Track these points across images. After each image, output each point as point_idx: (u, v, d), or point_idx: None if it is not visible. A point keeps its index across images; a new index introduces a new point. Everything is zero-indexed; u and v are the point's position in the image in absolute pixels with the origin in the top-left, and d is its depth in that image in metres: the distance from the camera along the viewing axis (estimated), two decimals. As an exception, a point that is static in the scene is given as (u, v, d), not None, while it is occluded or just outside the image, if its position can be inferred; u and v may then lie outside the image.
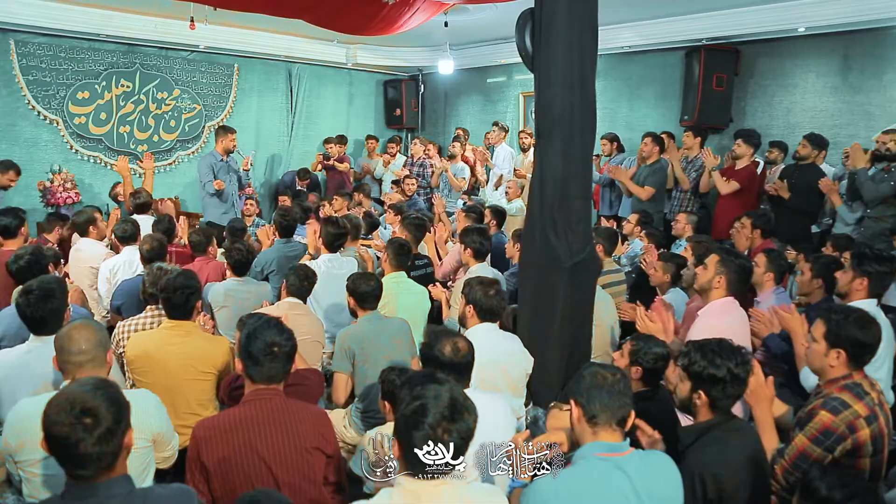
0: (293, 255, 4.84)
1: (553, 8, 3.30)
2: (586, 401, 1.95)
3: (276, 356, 2.25)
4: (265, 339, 2.24)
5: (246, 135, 8.89)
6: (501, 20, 6.59)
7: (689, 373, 2.28)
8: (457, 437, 1.67)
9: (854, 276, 3.32)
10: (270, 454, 2.18)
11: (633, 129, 7.57)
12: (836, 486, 1.71)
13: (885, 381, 3.11)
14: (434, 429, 1.65)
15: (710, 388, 2.24)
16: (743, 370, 2.24)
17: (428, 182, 8.44)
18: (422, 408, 1.68)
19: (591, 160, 3.64)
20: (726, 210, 5.78)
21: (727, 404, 2.27)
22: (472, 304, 3.14)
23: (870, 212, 5.07)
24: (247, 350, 2.25)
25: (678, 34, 7.24)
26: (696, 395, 2.27)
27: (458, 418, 1.68)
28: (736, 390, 2.25)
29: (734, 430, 2.25)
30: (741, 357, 2.26)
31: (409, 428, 1.68)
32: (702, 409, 2.28)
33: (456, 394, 1.73)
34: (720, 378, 2.21)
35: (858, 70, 6.50)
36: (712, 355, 2.24)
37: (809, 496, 1.76)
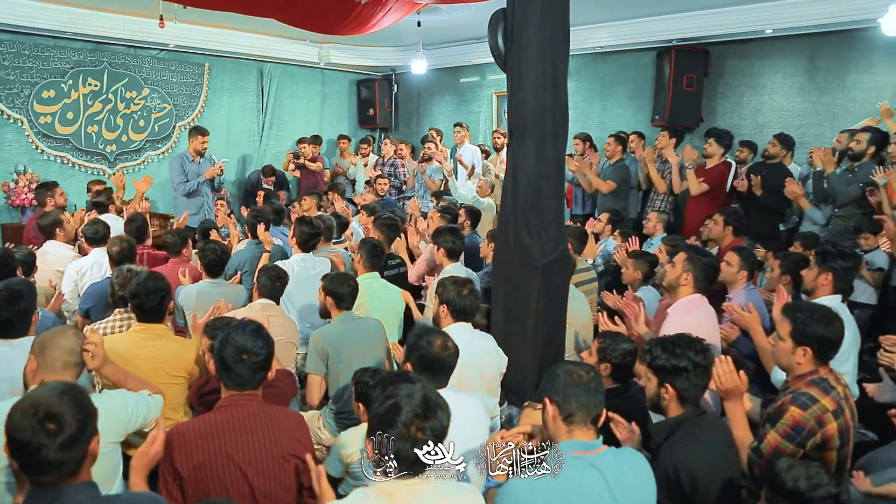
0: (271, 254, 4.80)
1: (525, 8, 3.31)
2: (562, 399, 1.96)
3: (246, 364, 2.17)
4: (236, 344, 2.17)
5: (217, 135, 8.77)
6: (474, 20, 6.61)
7: (654, 368, 2.33)
8: (430, 435, 1.68)
9: (819, 273, 3.39)
10: (246, 461, 2.13)
11: (605, 128, 7.65)
12: (802, 478, 1.75)
13: (851, 375, 3.18)
14: (407, 427, 1.66)
15: (675, 380, 2.28)
16: (703, 358, 2.28)
17: (400, 182, 8.43)
18: (395, 406, 1.68)
19: (563, 160, 3.66)
20: (696, 209, 5.86)
21: (695, 395, 2.30)
22: (446, 303, 3.14)
23: (838, 211, 5.17)
24: (219, 355, 2.20)
25: (649, 35, 7.33)
26: (663, 390, 2.31)
27: (431, 416, 1.69)
28: (700, 380, 2.29)
29: (705, 426, 2.28)
30: (700, 346, 2.31)
31: (383, 426, 1.68)
32: (671, 404, 2.31)
33: (428, 392, 1.73)
34: (683, 368, 2.26)
35: (824, 71, 6.64)
36: (672, 347, 2.30)
37: (777, 489, 1.79)
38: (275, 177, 8.59)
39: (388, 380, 1.79)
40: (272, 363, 2.29)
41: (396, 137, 9.70)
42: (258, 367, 2.20)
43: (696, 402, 2.33)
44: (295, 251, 4.50)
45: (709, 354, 2.31)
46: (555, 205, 3.49)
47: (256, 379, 2.22)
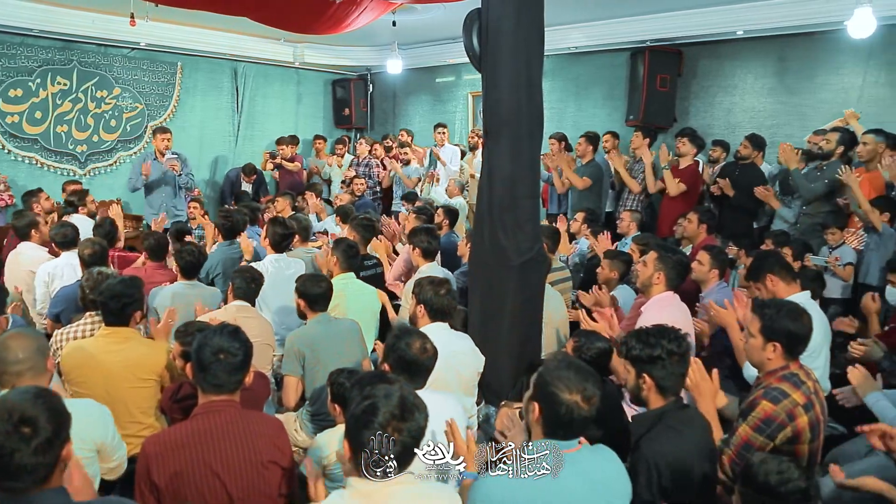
0: (237, 256, 4.77)
1: (500, 9, 3.32)
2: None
3: (224, 364, 2.14)
4: (213, 344, 2.15)
5: (190, 135, 8.70)
6: (449, 20, 6.61)
7: (631, 359, 2.36)
8: (407, 437, 1.67)
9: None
10: (224, 470, 2.09)
11: (580, 128, 7.68)
12: (773, 473, 1.78)
13: (822, 370, 3.24)
14: (384, 428, 1.65)
15: (651, 370, 2.30)
16: (677, 346, 2.30)
17: (376, 182, 8.42)
18: (372, 407, 1.67)
19: (538, 160, 3.68)
20: (670, 208, 5.93)
21: (673, 384, 2.32)
22: (423, 303, 3.14)
23: (805, 209, 5.27)
24: (196, 356, 2.16)
25: (623, 35, 7.38)
26: (641, 381, 2.33)
27: (408, 417, 1.68)
28: (677, 368, 2.31)
29: (687, 420, 2.31)
30: (674, 335, 2.33)
31: (359, 427, 1.67)
32: (651, 396, 2.34)
33: (406, 393, 1.73)
34: (658, 356, 2.28)
35: (793, 72, 6.76)
36: (646, 336, 2.33)
37: (749, 483, 1.82)
38: (256, 176, 8.51)
39: (366, 380, 1.79)
40: (249, 366, 2.25)
41: (372, 137, 9.67)
42: (235, 368, 2.16)
43: (677, 393, 2.35)
44: (268, 252, 4.47)
45: (683, 342, 2.34)
46: (530, 204, 3.51)
47: (233, 381, 2.18)
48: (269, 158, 8.86)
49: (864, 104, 6.17)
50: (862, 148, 5.07)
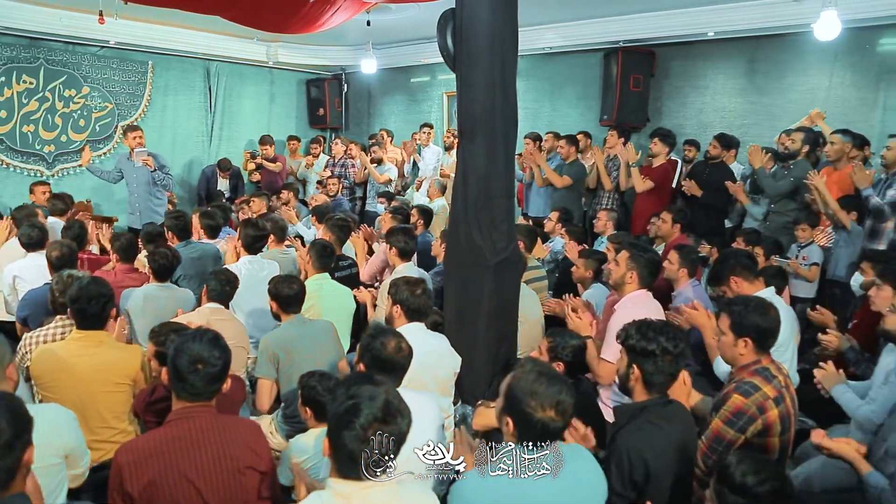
0: (195, 255, 4.70)
1: (474, 9, 3.33)
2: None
3: (201, 374, 2.09)
4: (191, 353, 2.09)
5: (163, 135, 8.58)
6: (424, 20, 6.60)
7: (626, 347, 2.39)
8: (388, 440, 1.66)
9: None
10: (200, 477, 2.04)
11: (555, 128, 7.73)
12: (750, 473, 1.80)
13: (790, 363, 3.31)
14: (365, 430, 1.63)
15: (642, 362, 2.33)
16: (673, 346, 2.32)
17: (351, 182, 8.39)
18: (354, 407, 1.66)
19: (513, 159, 3.69)
20: (643, 207, 5.99)
21: (661, 382, 2.35)
22: (400, 303, 3.13)
23: (774, 207, 5.37)
24: (173, 363, 2.11)
25: (597, 36, 7.44)
26: (631, 371, 2.36)
27: (390, 421, 1.67)
28: (668, 367, 2.33)
29: (669, 416, 2.33)
30: (672, 333, 2.35)
31: (340, 427, 1.65)
32: (636, 387, 2.37)
33: (391, 396, 1.71)
34: (651, 351, 2.31)
35: (762, 73, 6.87)
36: (646, 330, 2.35)
37: (726, 482, 1.84)
38: (231, 171, 8.41)
39: (353, 379, 1.77)
40: (227, 374, 2.21)
41: (347, 138, 9.63)
42: (213, 378, 2.12)
43: (662, 391, 2.37)
44: (242, 254, 4.42)
45: (680, 343, 2.36)
46: (505, 204, 3.52)
47: (210, 390, 2.14)
48: (250, 158, 8.77)
49: (830, 105, 6.30)
50: (829, 147, 5.17)
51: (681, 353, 2.37)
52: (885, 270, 3.50)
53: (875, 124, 6.10)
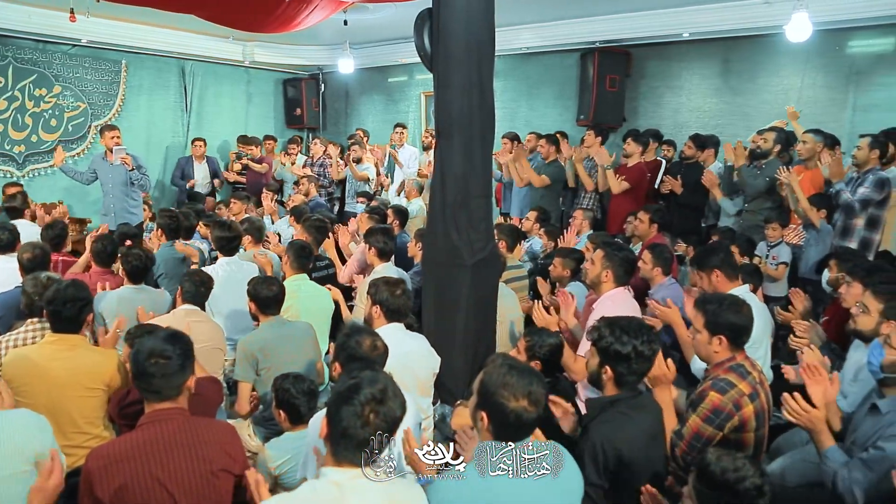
0: (181, 256, 4.68)
1: (450, 8, 3.33)
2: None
3: (160, 368, 2.07)
4: (149, 350, 2.08)
5: (137, 135, 8.45)
6: (401, 19, 6.59)
7: (598, 348, 2.39)
8: (382, 422, 1.71)
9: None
10: (172, 480, 2.02)
11: (532, 127, 7.77)
12: (730, 470, 1.82)
13: (764, 360, 3.35)
14: (363, 406, 1.69)
15: (615, 364, 2.35)
16: (648, 348, 2.34)
17: (329, 182, 8.35)
18: (356, 386, 1.72)
19: (490, 159, 3.71)
20: (619, 206, 6.03)
21: (632, 380, 2.38)
22: (379, 304, 3.12)
23: (747, 205, 5.44)
24: (135, 366, 2.10)
25: (573, 36, 7.49)
26: (603, 370, 2.38)
27: (386, 401, 1.72)
28: (641, 367, 2.36)
29: (639, 407, 2.36)
30: (648, 335, 2.37)
31: (340, 403, 1.71)
32: (608, 384, 2.39)
33: (390, 384, 1.77)
34: (625, 355, 2.32)
35: (736, 74, 6.97)
36: (620, 332, 2.35)
37: (705, 479, 1.86)
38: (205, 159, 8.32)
39: (356, 367, 1.83)
40: (190, 371, 2.18)
41: (325, 138, 9.58)
42: (171, 372, 2.09)
43: (634, 387, 2.40)
44: (218, 255, 4.39)
45: (654, 344, 2.39)
46: (483, 203, 3.53)
47: (172, 386, 2.11)
48: (236, 159, 8.69)
49: (802, 105, 6.42)
50: (801, 146, 5.26)
51: (655, 353, 2.39)
52: (854, 268, 3.57)
53: (845, 124, 6.23)
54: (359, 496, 1.70)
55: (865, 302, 2.93)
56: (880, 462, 2.20)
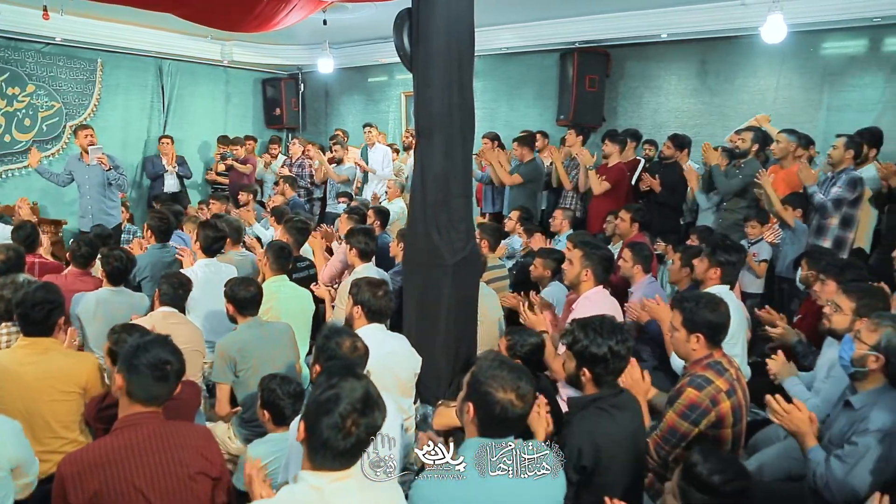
0: (169, 260, 4.60)
1: (430, 8, 3.33)
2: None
3: (165, 375, 2.07)
4: (156, 355, 2.06)
5: (113, 135, 8.33)
6: (381, 19, 6.57)
7: (573, 351, 2.40)
8: (363, 431, 1.69)
9: (709, 266, 3.61)
10: (149, 485, 1.99)
11: (512, 127, 7.80)
12: (717, 472, 1.84)
13: (741, 357, 3.39)
14: (344, 419, 1.66)
15: (593, 366, 2.36)
16: (623, 347, 2.36)
17: (308, 181, 8.32)
18: (336, 397, 1.68)
19: (471, 159, 3.71)
20: (600, 206, 6.07)
21: (611, 380, 2.39)
22: (361, 304, 3.12)
23: (725, 204, 5.51)
24: (131, 363, 2.06)
25: (553, 37, 7.53)
26: (581, 373, 2.39)
27: (368, 413, 1.70)
28: (617, 366, 2.37)
29: (619, 405, 2.36)
30: (622, 335, 2.38)
31: (320, 414, 1.67)
32: (587, 385, 2.40)
33: (371, 391, 1.74)
34: (601, 356, 2.33)
35: (714, 74, 7.05)
36: (594, 334, 2.36)
37: (691, 480, 1.87)
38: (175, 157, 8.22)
39: (334, 370, 1.78)
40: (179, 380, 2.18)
41: (304, 138, 9.54)
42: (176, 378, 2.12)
43: (613, 385, 2.41)
44: (199, 256, 4.34)
45: (629, 341, 2.40)
46: (463, 203, 3.53)
47: (167, 392, 2.12)
48: (221, 160, 8.60)
49: (778, 105, 6.52)
50: (776, 146, 5.34)
51: (630, 350, 2.41)
52: (828, 266, 3.62)
53: (819, 124, 6.33)
54: (340, 499, 1.69)
55: (838, 301, 2.98)
56: (854, 456, 2.24)
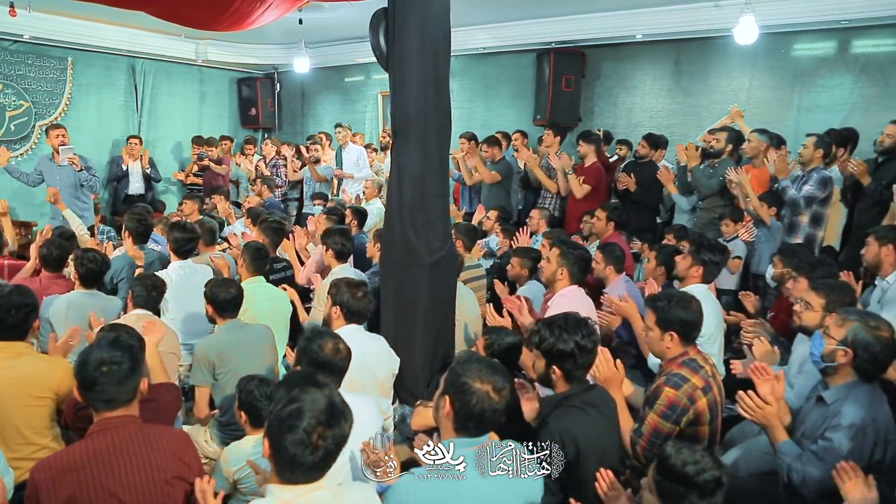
0: (147, 261, 4.53)
1: (406, 8, 3.33)
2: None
3: (111, 376, 2.01)
4: (97, 359, 2.02)
5: (86, 135, 8.18)
6: (357, 19, 6.55)
7: (541, 350, 2.43)
8: (331, 443, 1.64)
9: (692, 264, 3.65)
10: (124, 491, 1.96)
11: (490, 127, 7.82)
12: (690, 463, 1.86)
13: (717, 355, 3.44)
14: (309, 434, 1.61)
15: (561, 363, 2.39)
16: (589, 341, 2.39)
17: (283, 182, 8.27)
18: (298, 411, 1.63)
19: (447, 158, 3.71)
20: (576, 205, 6.10)
21: (581, 374, 2.43)
22: (340, 305, 3.11)
23: (701, 204, 5.57)
24: (80, 376, 2.03)
25: (529, 37, 7.57)
26: (551, 371, 2.41)
27: (334, 424, 1.65)
28: (586, 360, 2.41)
29: (591, 402, 2.39)
30: (587, 329, 2.42)
31: (283, 431, 1.62)
32: (558, 382, 2.43)
33: (335, 399, 1.69)
34: (568, 352, 2.37)
35: (688, 74, 7.14)
36: (559, 331, 2.40)
37: (665, 473, 1.90)
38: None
39: (293, 380, 1.73)
40: (140, 374, 2.12)
41: (278, 138, 9.48)
42: (123, 377, 2.04)
43: (584, 380, 2.44)
44: (172, 258, 4.29)
45: (594, 335, 2.44)
46: (440, 203, 3.54)
47: (125, 392, 2.05)
48: (197, 161, 8.50)
49: (751, 105, 6.62)
50: (748, 145, 5.42)
51: (596, 344, 2.44)
52: (800, 263, 3.68)
53: (790, 124, 6.45)
54: None
55: (808, 298, 3.03)
56: (829, 452, 2.28)
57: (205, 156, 8.47)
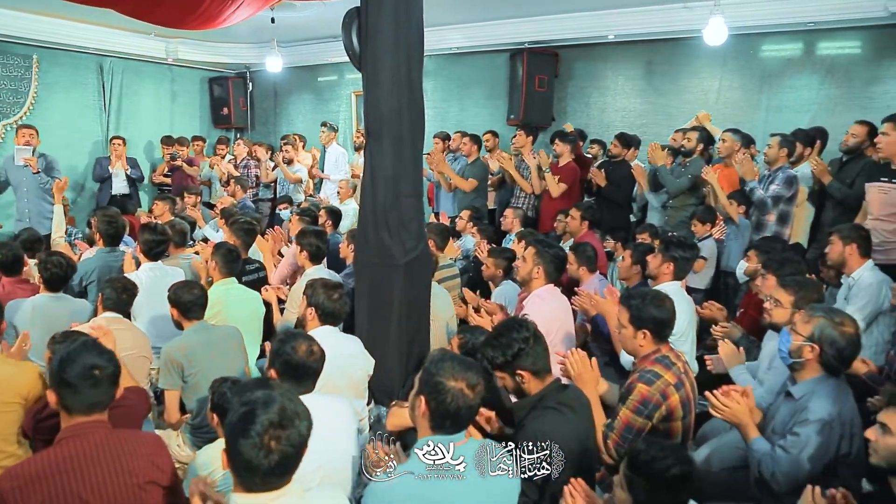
0: (117, 265, 4.46)
1: (378, 7, 3.31)
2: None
3: (98, 380, 1.99)
4: (84, 362, 1.98)
5: (54, 135, 7.95)
6: (329, 18, 6.50)
7: (499, 367, 2.45)
8: (287, 445, 1.60)
9: (662, 262, 3.69)
10: (96, 496, 1.92)
11: (463, 127, 7.82)
12: (659, 458, 1.88)
13: (690, 352, 3.48)
14: (261, 436, 1.57)
15: (521, 365, 2.40)
16: (527, 330, 2.42)
17: (255, 183, 8.19)
18: (249, 414, 1.59)
19: (421, 158, 3.71)
20: (550, 204, 6.14)
21: (544, 363, 2.44)
22: (315, 306, 3.09)
23: (672, 202, 5.64)
24: (61, 377, 1.98)
25: (502, 37, 7.58)
26: (519, 378, 2.42)
27: (287, 425, 1.61)
28: (538, 347, 2.43)
29: (566, 401, 2.40)
30: (518, 323, 2.46)
31: (236, 435, 1.59)
32: (531, 383, 2.43)
33: (286, 400, 1.65)
34: (520, 352, 2.39)
35: (659, 75, 7.23)
36: (498, 342, 2.43)
37: (636, 468, 1.92)
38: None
39: (246, 387, 1.71)
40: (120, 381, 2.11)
41: (251, 139, 9.39)
42: (111, 381, 2.04)
43: (549, 369, 2.46)
44: (142, 260, 4.22)
45: (529, 323, 2.47)
46: (414, 203, 3.53)
47: (108, 396, 2.05)
48: (170, 161, 8.36)
49: (720, 105, 6.73)
50: (721, 145, 5.50)
51: (541, 335, 2.46)
52: (768, 261, 3.75)
53: (759, 124, 6.55)
54: None
55: (776, 296, 3.08)
56: (798, 447, 2.32)
57: (177, 156, 8.35)
